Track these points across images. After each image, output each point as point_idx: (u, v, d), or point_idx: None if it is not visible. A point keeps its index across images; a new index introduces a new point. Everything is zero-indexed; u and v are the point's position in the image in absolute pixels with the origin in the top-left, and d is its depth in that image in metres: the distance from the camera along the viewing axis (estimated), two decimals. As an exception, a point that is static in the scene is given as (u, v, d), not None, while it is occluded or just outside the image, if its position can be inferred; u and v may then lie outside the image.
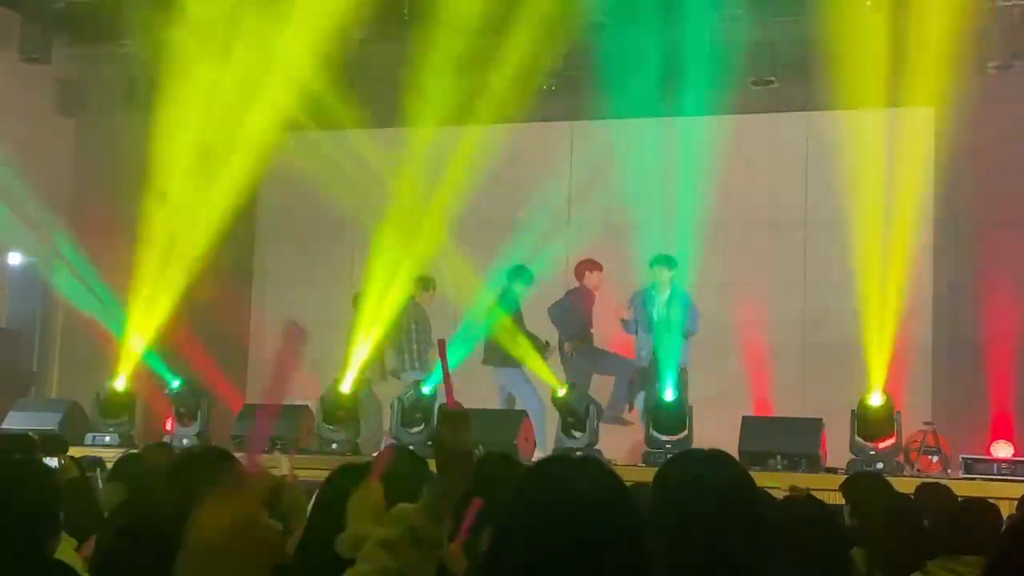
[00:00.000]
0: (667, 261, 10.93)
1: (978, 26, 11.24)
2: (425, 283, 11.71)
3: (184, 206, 11.91)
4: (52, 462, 5.79)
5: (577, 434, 10.13)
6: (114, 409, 11.19)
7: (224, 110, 11.78)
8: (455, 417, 2.46)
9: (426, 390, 10.69)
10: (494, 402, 11.30)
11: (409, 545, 2.32)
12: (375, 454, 3.37)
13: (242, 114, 11.79)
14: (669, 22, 11.62)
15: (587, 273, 11.48)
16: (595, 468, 2.20)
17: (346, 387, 10.91)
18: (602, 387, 11.26)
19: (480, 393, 11.26)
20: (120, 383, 11.31)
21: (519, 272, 11.40)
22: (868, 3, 11.13)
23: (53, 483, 3.53)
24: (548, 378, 10.79)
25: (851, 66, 11.34)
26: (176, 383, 11.24)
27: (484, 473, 4.17)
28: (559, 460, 2.30)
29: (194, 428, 10.97)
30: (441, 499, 2.38)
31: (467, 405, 2.57)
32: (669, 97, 11.95)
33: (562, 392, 10.29)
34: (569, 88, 12.60)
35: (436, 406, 10.70)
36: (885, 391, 9.69)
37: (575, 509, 2.09)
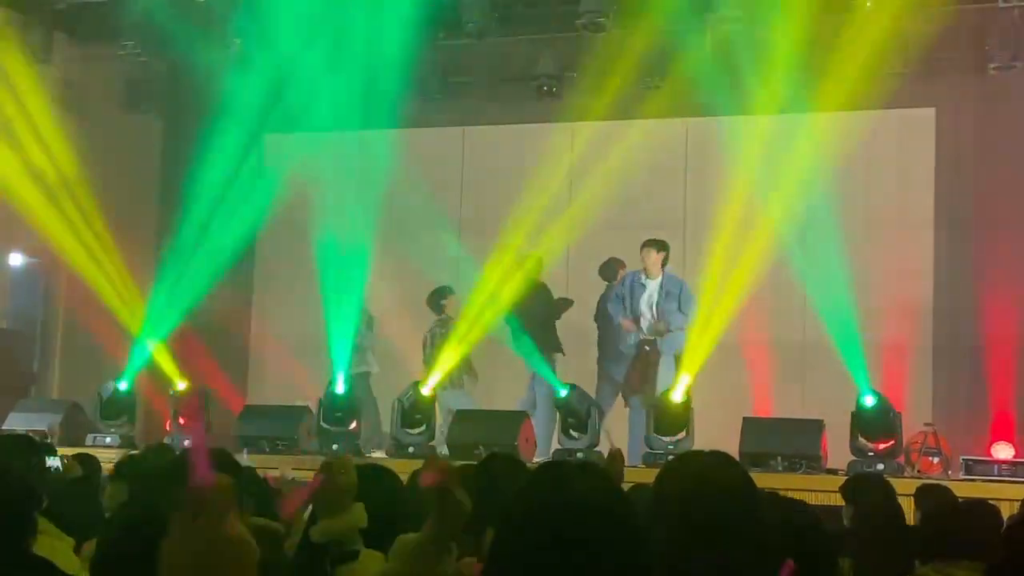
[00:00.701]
0: (655, 243, 10.96)
1: (979, 27, 11.25)
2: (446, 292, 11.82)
3: (196, 209, 12.01)
4: (55, 462, 5.79)
5: (576, 435, 10.13)
6: (115, 410, 11.19)
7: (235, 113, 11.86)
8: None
9: (426, 391, 10.69)
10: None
11: None
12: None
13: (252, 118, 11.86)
14: (668, 23, 11.61)
15: (620, 272, 11.54)
16: (593, 473, 2.22)
17: (340, 388, 10.92)
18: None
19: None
20: (122, 384, 11.32)
21: (525, 260, 11.45)
22: (868, 4, 11.12)
23: (28, 481, 3.54)
24: (549, 377, 10.81)
25: (852, 67, 11.34)
26: (181, 385, 11.27)
27: (490, 474, 4.18)
28: (558, 465, 2.32)
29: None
30: (440, 537, 2.44)
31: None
32: (670, 98, 11.95)
33: (563, 393, 10.28)
34: (569, 89, 12.59)
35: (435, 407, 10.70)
36: (877, 391, 9.68)
37: (573, 514, 2.11)
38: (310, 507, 3.77)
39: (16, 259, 13.01)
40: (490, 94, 12.82)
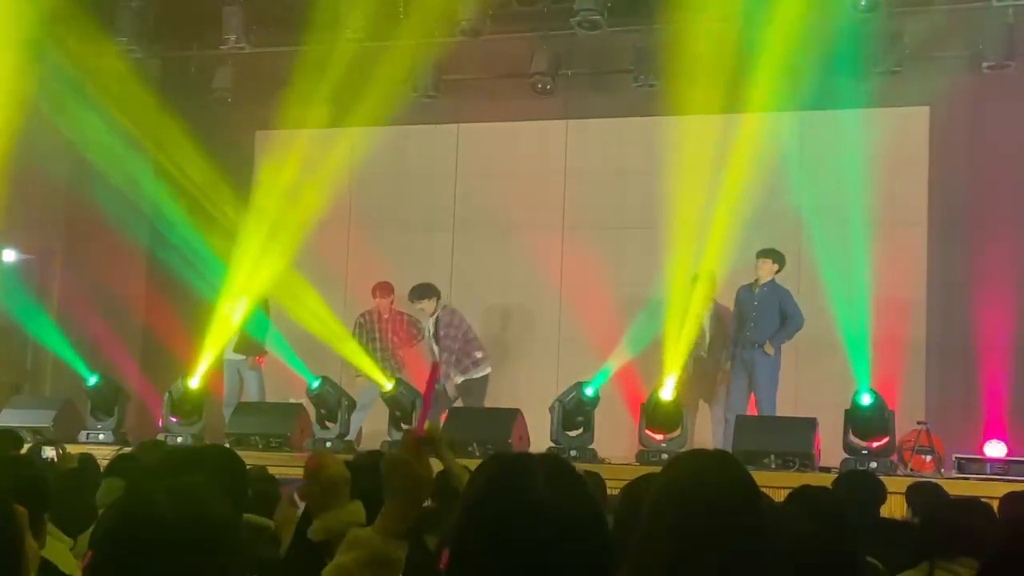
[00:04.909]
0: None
1: (973, 26, 11.27)
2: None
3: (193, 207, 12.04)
4: (50, 453, 5.80)
5: (574, 433, 10.17)
6: (108, 406, 11.18)
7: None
8: (421, 444, 2.47)
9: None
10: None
11: (370, 567, 2.32)
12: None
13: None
14: (664, 22, 11.62)
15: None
16: (558, 470, 2.18)
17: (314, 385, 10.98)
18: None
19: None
20: (108, 381, 11.34)
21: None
22: (863, 3, 11.13)
23: (37, 481, 3.53)
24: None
25: (847, 66, 11.35)
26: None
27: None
28: (519, 462, 2.24)
29: (194, 427, 10.94)
30: (397, 521, 2.38)
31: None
32: (665, 96, 11.95)
33: (590, 392, 10.27)
34: (565, 87, 12.59)
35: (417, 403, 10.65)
36: (874, 390, 9.70)
37: (534, 514, 2.07)
38: (303, 506, 3.77)
39: (9, 255, 12.98)
40: (485, 91, 12.81)
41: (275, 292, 11.75)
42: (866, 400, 9.59)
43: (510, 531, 2.03)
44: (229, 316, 11.45)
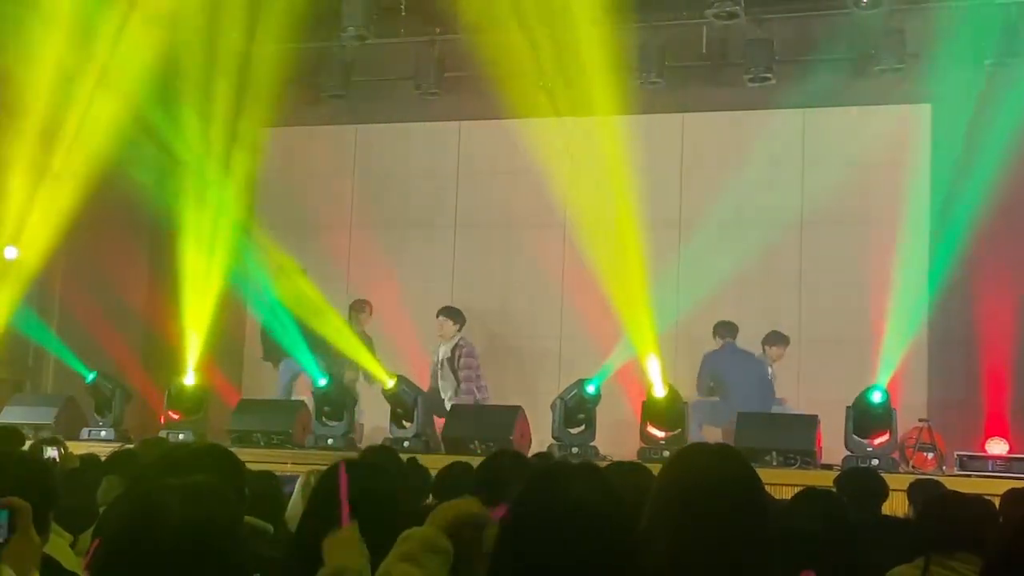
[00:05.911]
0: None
1: (975, 22, 11.25)
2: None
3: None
4: (52, 452, 5.79)
5: (575, 430, 10.17)
6: (108, 403, 11.18)
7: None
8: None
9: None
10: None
11: (427, 553, 2.40)
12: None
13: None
14: (664, 19, 11.62)
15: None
16: (593, 475, 2.25)
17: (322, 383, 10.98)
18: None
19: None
20: (113, 378, 11.34)
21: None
22: (864, 1, 11.12)
23: (46, 479, 3.52)
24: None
25: (847, 63, 11.35)
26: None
27: (496, 471, 4.21)
28: (560, 467, 2.35)
29: (195, 424, 10.94)
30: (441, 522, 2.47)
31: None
32: (665, 94, 11.94)
33: (591, 389, 10.27)
34: (564, 84, 12.55)
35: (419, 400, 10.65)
36: (885, 388, 9.71)
37: (575, 517, 2.15)
38: (301, 512, 3.74)
39: (11, 253, 12.97)
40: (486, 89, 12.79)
41: (276, 289, 11.74)
42: (877, 398, 9.58)
43: (551, 533, 2.15)
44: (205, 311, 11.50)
